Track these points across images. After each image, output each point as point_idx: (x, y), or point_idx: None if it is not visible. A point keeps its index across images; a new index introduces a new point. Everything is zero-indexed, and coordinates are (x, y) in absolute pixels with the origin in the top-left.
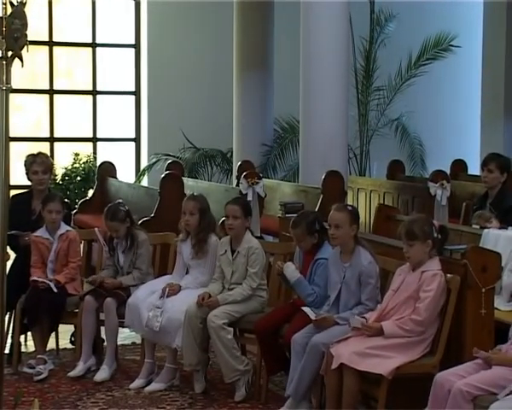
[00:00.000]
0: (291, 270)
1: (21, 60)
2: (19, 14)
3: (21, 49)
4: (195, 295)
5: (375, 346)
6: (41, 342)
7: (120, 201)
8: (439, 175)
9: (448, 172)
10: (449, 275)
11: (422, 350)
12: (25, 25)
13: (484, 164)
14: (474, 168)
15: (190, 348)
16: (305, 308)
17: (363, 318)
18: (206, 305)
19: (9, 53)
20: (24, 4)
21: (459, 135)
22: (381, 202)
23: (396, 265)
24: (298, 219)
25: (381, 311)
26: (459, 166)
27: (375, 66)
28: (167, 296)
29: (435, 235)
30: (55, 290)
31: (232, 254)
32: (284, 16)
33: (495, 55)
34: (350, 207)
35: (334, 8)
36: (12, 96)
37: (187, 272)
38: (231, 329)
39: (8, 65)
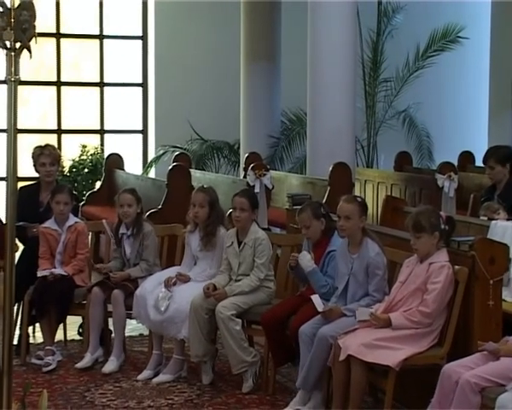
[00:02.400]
0: (307, 259)
1: (30, 51)
2: (27, 6)
3: (30, 40)
4: (202, 287)
5: (382, 337)
6: (49, 333)
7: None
8: (446, 167)
9: (456, 163)
10: (457, 267)
11: (430, 342)
12: (33, 16)
13: (484, 162)
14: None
15: (197, 340)
16: (314, 297)
17: (371, 308)
18: (214, 296)
19: (18, 44)
20: None
21: (467, 127)
22: (389, 193)
23: (403, 256)
24: (303, 206)
25: (388, 303)
26: (467, 157)
27: (383, 57)
28: (178, 283)
29: (442, 226)
30: (63, 272)
31: (239, 246)
32: (292, 8)
33: (503, 47)
34: (359, 199)
35: (341, 0)
36: (19, 88)
37: (195, 264)
38: (239, 320)
39: (17, 56)
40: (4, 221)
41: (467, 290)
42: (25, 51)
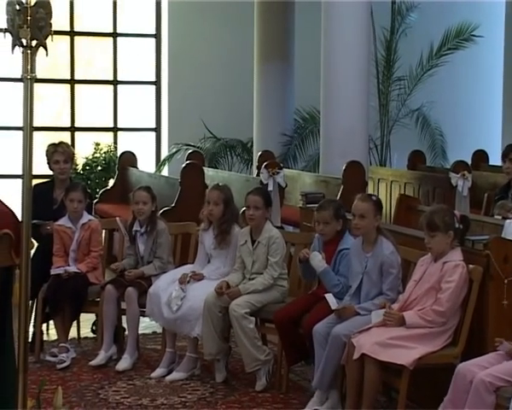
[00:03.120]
0: (318, 259)
1: (46, 49)
2: (43, 4)
3: (46, 38)
4: (216, 285)
5: (396, 336)
6: (63, 330)
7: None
8: (460, 166)
9: (469, 162)
10: (471, 266)
11: (444, 341)
12: (49, 14)
13: (504, 155)
14: (496, 159)
15: (210, 338)
16: (328, 296)
17: (383, 307)
18: (227, 295)
19: (34, 42)
20: None
21: (480, 125)
22: (402, 192)
23: (417, 255)
24: (325, 203)
25: (403, 301)
26: (480, 156)
27: (396, 56)
28: (191, 281)
29: (457, 225)
30: (76, 270)
31: (252, 244)
32: (305, 6)
33: None
34: (374, 198)
35: None
36: (34, 85)
37: (208, 262)
38: (253, 318)
39: (33, 54)
40: (20, 219)
41: (481, 290)
42: (40, 49)
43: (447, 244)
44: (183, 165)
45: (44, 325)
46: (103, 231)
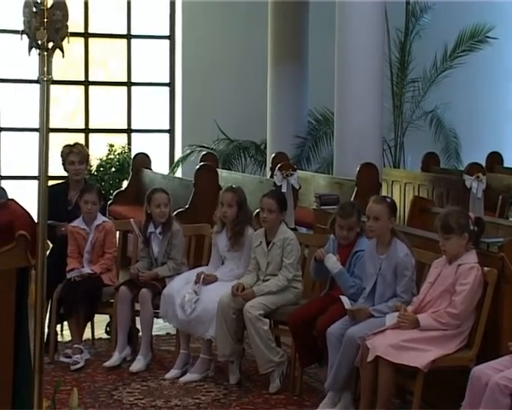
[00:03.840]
0: (333, 261)
1: (62, 51)
2: (60, 6)
3: (62, 40)
4: (230, 286)
5: (410, 339)
6: (77, 331)
7: None
8: (474, 168)
9: (483, 164)
10: (486, 268)
11: (459, 343)
12: (66, 16)
13: None
14: (510, 161)
15: (224, 339)
16: (343, 297)
17: (398, 310)
18: (242, 297)
19: (50, 44)
20: None
21: (495, 127)
22: (416, 194)
23: (431, 257)
24: (349, 209)
25: (417, 304)
26: (495, 158)
27: (410, 57)
28: (203, 284)
29: (471, 228)
30: (90, 271)
31: (267, 246)
32: (319, 7)
33: None
34: (388, 200)
35: (369, 0)
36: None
37: (222, 264)
38: (267, 320)
39: (50, 56)
40: (36, 220)
41: (496, 292)
42: (56, 51)
43: (462, 247)
44: (197, 166)
45: (59, 326)
46: (117, 232)
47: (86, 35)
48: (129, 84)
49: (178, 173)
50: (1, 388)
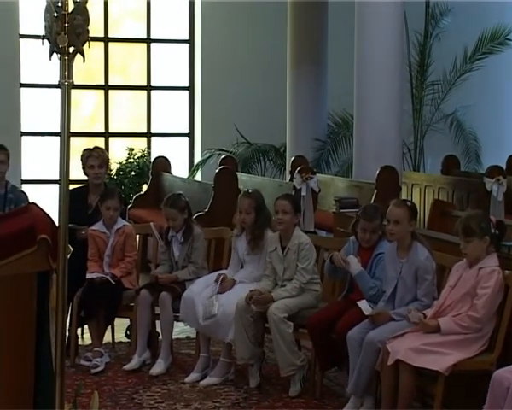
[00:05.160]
0: (354, 262)
1: (83, 55)
2: (81, 10)
3: (83, 44)
4: (249, 289)
5: (431, 342)
6: (97, 335)
7: (181, 192)
8: (495, 170)
9: (504, 167)
10: (507, 271)
11: (480, 347)
12: (87, 20)
13: None
14: None
15: (242, 343)
16: (361, 303)
17: (422, 314)
18: (256, 302)
19: (71, 49)
20: (86, 1)
21: None
22: (436, 197)
23: (452, 261)
24: (372, 211)
25: (438, 307)
26: None
27: (430, 60)
28: (221, 288)
29: (493, 231)
30: (113, 282)
31: (282, 251)
32: (339, 11)
33: None
34: (409, 203)
35: (389, 2)
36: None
37: (241, 267)
38: (291, 323)
39: (70, 61)
40: (57, 224)
41: None
42: (77, 55)
43: (483, 250)
44: (217, 170)
45: (79, 330)
46: (137, 236)
47: (106, 39)
48: (148, 88)
49: (198, 177)
50: (23, 391)
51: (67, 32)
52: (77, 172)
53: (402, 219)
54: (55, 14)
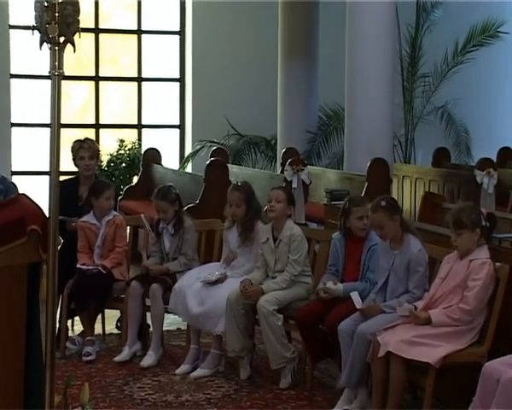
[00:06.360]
0: (334, 288)
1: (73, 46)
2: (71, 1)
3: (74, 34)
4: (239, 282)
5: (422, 334)
6: (89, 325)
7: (171, 184)
8: (485, 163)
9: (494, 159)
10: (497, 264)
11: (470, 339)
12: (77, 10)
13: None
14: None
15: (233, 335)
16: (353, 295)
17: (413, 306)
18: (248, 294)
19: (62, 39)
20: None
21: (506, 122)
22: (427, 189)
23: (443, 253)
24: (360, 197)
25: (428, 299)
26: (506, 153)
27: (421, 53)
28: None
29: (484, 223)
30: (104, 272)
31: (274, 243)
32: (330, 3)
33: None
34: (383, 203)
35: None
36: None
37: (233, 259)
38: (281, 316)
39: (61, 51)
40: (47, 215)
41: (508, 287)
42: (67, 46)
43: (474, 242)
44: (208, 162)
45: (69, 321)
46: (128, 227)
47: (97, 31)
48: (139, 79)
49: (189, 169)
50: (13, 383)
51: (58, 22)
52: (67, 164)
53: (382, 222)
54: (46, 4)
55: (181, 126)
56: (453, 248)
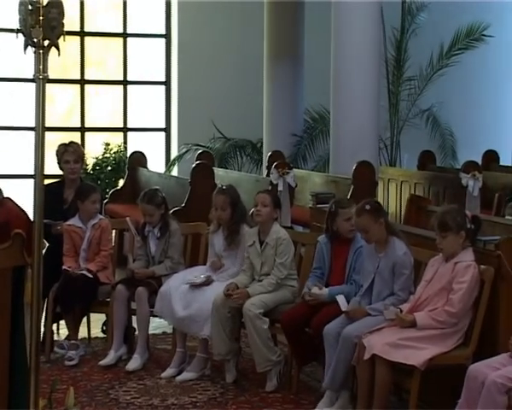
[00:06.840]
0: (319, 293)
1: (58, 49)
2: (56, 4)
3: (58, 38)
4: (225, 286)
5: (407, 337)
6: (74, 328)
7: (157, 187)
8: (470, 166)
9: (480, 162)
10: (482, 266)
11: (455, 342)
12: (61, 14)
13: None
14: (507, 159)
15: (219, 338)
16: (339, 298)
17: (399, 309)
18: (234, 298)
19: (46, 42)
20: None
21: (491, 126)
22: (412, 192)
23: (428, 256)
24: (346, 199)
25: (414, 302)
26: (491, 156)
27: (407, 56)
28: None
29: (468, 226)
30: (90, 276)
31: (260, 246)
32: (315, 6)
33: None
34: (368, 207)
35: None
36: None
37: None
38: (267, 319)
39: (45, 54)
40: (32, 219)
41: (493, 290)
42: (52, 49)
43: (459, 245)
44: (193, 165)
45: (55, 325)
46: (113, 231)
47: (82, 34)
48: (125, 82)
49: (174, 172)
50: None
51: (42, 26)
52: (52, 167)
53: (367, 225)
54: (30, 8)
55: (167, 130)
56: (438, 251)
